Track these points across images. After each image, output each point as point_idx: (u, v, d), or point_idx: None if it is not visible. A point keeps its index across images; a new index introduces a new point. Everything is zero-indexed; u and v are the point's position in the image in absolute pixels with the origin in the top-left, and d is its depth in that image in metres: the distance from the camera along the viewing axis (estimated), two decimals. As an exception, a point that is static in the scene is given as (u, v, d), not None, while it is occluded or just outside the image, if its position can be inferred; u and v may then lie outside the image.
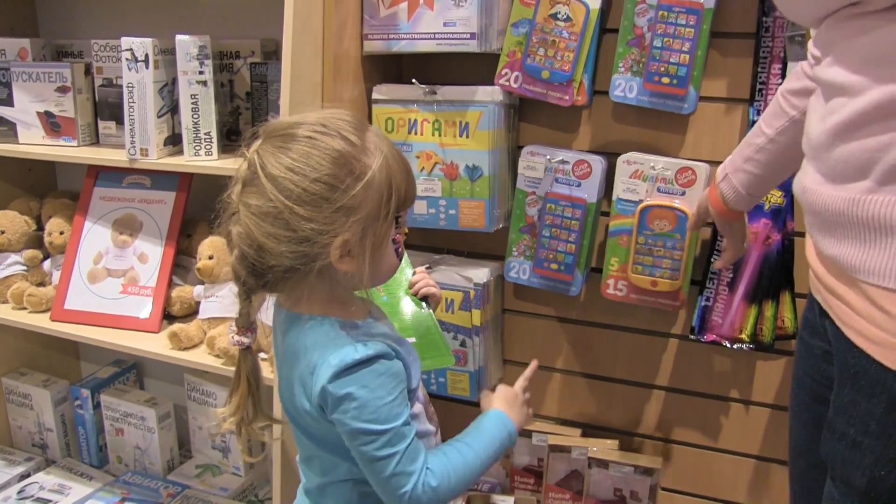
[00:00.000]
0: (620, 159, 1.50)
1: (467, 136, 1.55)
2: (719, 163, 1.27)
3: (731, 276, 1.52)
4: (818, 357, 1.04)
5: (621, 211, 1.51)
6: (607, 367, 1.72)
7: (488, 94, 1.53)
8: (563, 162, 1.54)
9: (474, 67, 1.60)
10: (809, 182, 0.92)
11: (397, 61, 1.68)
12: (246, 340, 1.05)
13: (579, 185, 1.54)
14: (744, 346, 1.51)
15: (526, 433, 1.77)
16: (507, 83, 1.54)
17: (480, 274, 1.64)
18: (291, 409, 1.05)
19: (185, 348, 1.69)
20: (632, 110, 1.54)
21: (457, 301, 1.64)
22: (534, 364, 1.25)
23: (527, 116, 1.65)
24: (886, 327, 0.84)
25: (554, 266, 1.58)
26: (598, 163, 1.53)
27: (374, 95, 1.61)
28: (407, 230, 1.08)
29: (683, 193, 1.46)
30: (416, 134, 1.59)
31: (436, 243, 1.78)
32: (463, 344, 1.66)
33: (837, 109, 0.86)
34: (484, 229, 1.60)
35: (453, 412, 1.88)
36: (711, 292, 1.53)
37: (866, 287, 0.85)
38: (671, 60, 1.44)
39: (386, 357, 0.97)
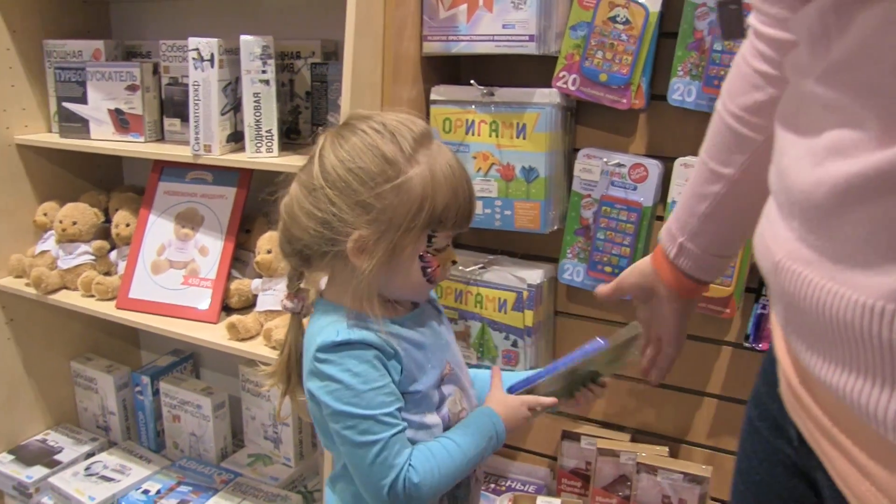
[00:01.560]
0: (677, 162, 1.49)
1: (524, 138, 1.56)
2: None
3: (787, 284, 1.49)
4: (780, 466, 0.77)
5: (676, 215, 1.50)
6: (659, 373, 1.71)
7: (545, 97, 1.53)
8: (619, 165, 1.54)
9: (532, 69, 1.61)
10: (788, 258, 0.61)
11: (456, 62, 1.70)
12: (290, 305, 1.10)
13: (635, 188, 1.54)
14: (800, 356, 1.49)
15: (574, 436, 1.77)
16: (564, 86, 1.54)
17: (534, 275, 1.65)
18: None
19: (243, 339, 1.73)
20: (691, 115, 1.52)
21: (510, 301, 1.65)
22: (553, 401, 1.14)
23: (584, 119, 1.65)
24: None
25: (608, 269, 1.58)
26: (654, 167, 1.52)
27: (433, 96, 1.63)
28: (455, 259, 1.07)
29: (740, 199, 1.45)
30: (473, 135, 1.60)
31: (491, 244, 1.79)
32: (514, 344, 1.67)
33: (848, 150, 0.54)
34: (539, 230, 1.60)
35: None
36: (767, 300, 1.51)
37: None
38: (731, 64, 1.42)
39: (376, 347, 0.98)
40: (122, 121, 1.94)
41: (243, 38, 1.65)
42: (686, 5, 1.45)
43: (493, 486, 1.88)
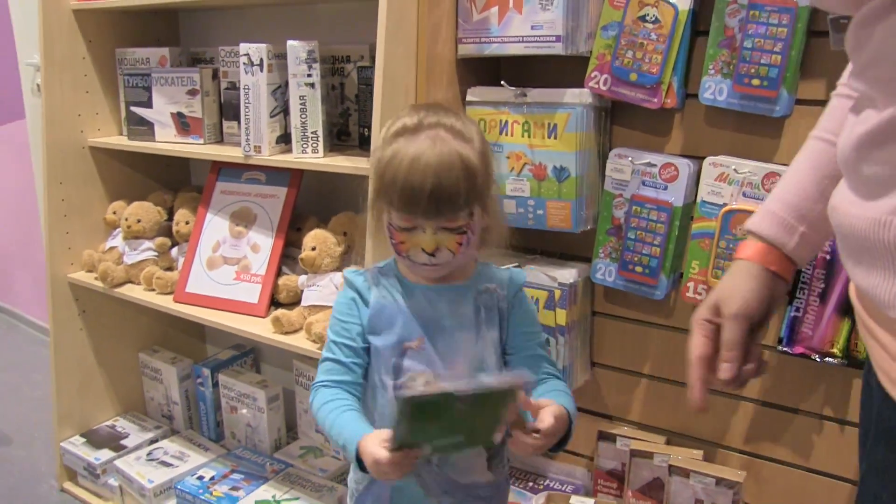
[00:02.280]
0: (706, 161, 1.48)
1: (555, 138, 1.58)
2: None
3: (822, 286, 1.46)
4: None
5: (705, 214, 1.49)
6: (694, 375, 1.69)
7: (576, 97, 1.55)
8: (649, 165, 1.54)
9: (566, 70, 1.62)
10: (838, 199, 0.80)
11: (494, 64, 1.73)
12: None
13: (666, 188, 1.53)
14: (835, 360, 1.45)
15: (611, 437, 1.77)
16: (596, 86, 1.55)
17: (567, 274, 1.66)
18: None
19: (287, 332, 1.80)
20: (725, 113, 1.51)
21: (541, 300, 1.66)
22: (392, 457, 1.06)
23: (619, 120, 1.66)
24: None
25: (639, 269, 1.58)
26: (685, 166, 1.51)
27: (468, 98, 1.67)
28: (426, 249, 1.11)
29: (770, 199, 1.43)
30: (506, 135, 1.63)
31: (530, 244, 1.81)
32: (547, 343, 1.68)
33: (867, 120, 0.74)
34: (570, 230, 1.61)
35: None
36: (802, 302, 1.48)
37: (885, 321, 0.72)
38: (762, 61, 1.41)
39: (356, 290, 1.21)
40: (183, 124, 2.05)
41: (290, 43, 1.72)
42: (717, 2, 1.45)
43: (531, 484, 1.89)
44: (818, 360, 1.47)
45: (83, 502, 2.30)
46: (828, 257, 1.42)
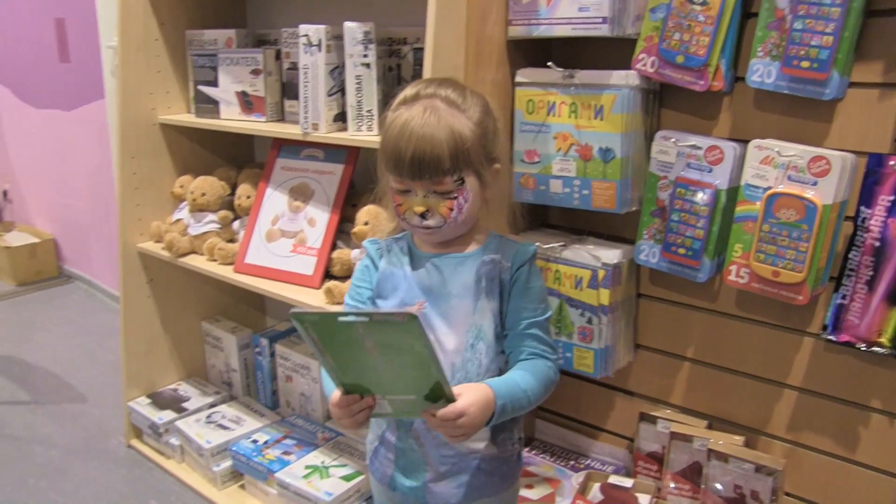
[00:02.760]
0: (751, 144, 1.48)
1: (601, 119, 1.59)
2: (867, 153, 1.15)
3: (870, 273, 1.44)
4: None
5: (748, 197, 1.49)
6: (736, 360, 1.69)
7: (623, 79, 1.56)
8: (694, 147, 1.54)
9: (614, 52, 1.64)
10: None
11: (544, 45, 1.74)
12: None
13: (710, 170, 1.53)
14: (882, 350, 1.43)
15: (651, 419, 1.78)
16: (643, 68, 1.56)
17: (611, 255, 1.67)
18: None
19: (338, 303, 1.86)
20: (774, 97, 1.50)
21: (585, 279, 1.68)
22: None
23: (668, 102, 1.66)
24: None
25: (681, 251, 1.59)
26: (731, 149, 1.51)
27: (517, 79, 1.69)
28: (417, 210, 1.18)
29: (815, 183, 1.41)
30: (554, 116, 1.65)
31: (577, 224, 1.83)
32: (590, 322, 1.70)
33: None
34: (614, 210, 1.63)
35: (576, 388, 1.93)
36: (848, 290, 1.46)
37: None
38: (812, 43, 1.39)
39: (370, 256, 1.31)
40: (246, 102, 2.13)
41: (347, 24, 1.78)
42: (768, -16, 1.44)
43: (572, 462, 1.92)
44: (864, 349, 1.45)
45: (147, 458, 2.42)
46: (877, 244, 1.40)
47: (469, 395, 1.10)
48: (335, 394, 1.12)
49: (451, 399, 1.08)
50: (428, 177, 1.15)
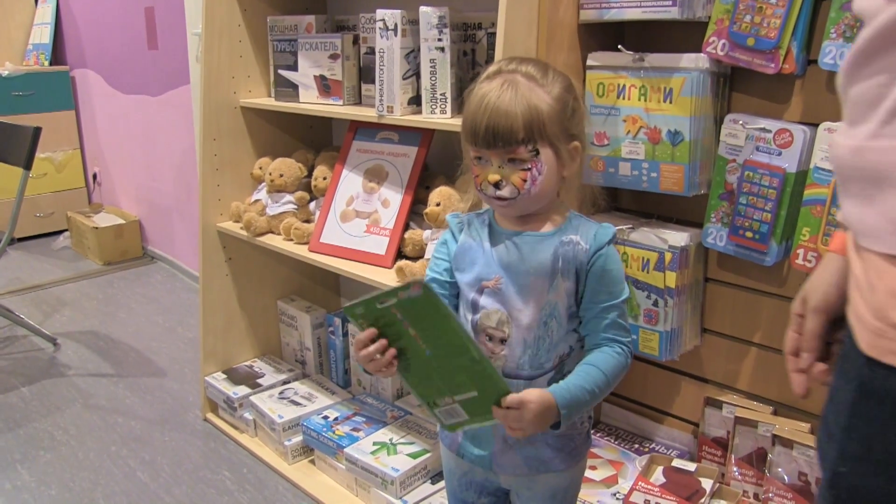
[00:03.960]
0: (821, 127, 1.47)
1: (670, 102, 1.60)
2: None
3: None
4: None
5: (817, 180, 1.48)
6: (805, 346, 1.68)
7: (692, 62, 1.57)
8: (764, 130, 1.54)
9: (685, 36, 1.64)
10: (835, 134, 0.79)
11: (616, 29, 1.76)
12: None
13: (780, 153, 1.53)
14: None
15: (717, 404, 1.78)
16: (713, 51, 1.56)
17: (678, 237, 1.68)
18: None
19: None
20: (848, 81, 1.49)
21: (652, 261, 1.70)
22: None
23: (739, 86, 1.66)
24: (868, 301, 0.72)
25: (749, 234, 1.59)
26: (800, 132, 1.50)
27: (589, 62, 1.71)
28: (490, 179, 1.20)
29: (888, 167, 1.40)
30: (624, 99, 1.67)
31: (645, 207, 1.85)
32: (655, 304, 1.71)
33: (857, 40, 0.73)
34: (682, 193, 1.64)
35: (641, 372, 1.94)
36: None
37: (862, 253, 0.73)
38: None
39: (451, 230, 1.34)
40: (325, 86, 2.19)
41: (422, 8, 1.82)
42: (843, -35, 1.43)
43: (636, 446, 1.93)
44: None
45: (222, 431, 2.52)
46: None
47: (530, 394, 1.14)
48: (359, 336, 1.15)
49: (500, 385, 1.13)
50: (501, 145, 1.17)
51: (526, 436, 1.18)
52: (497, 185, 1.20)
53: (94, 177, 4.84)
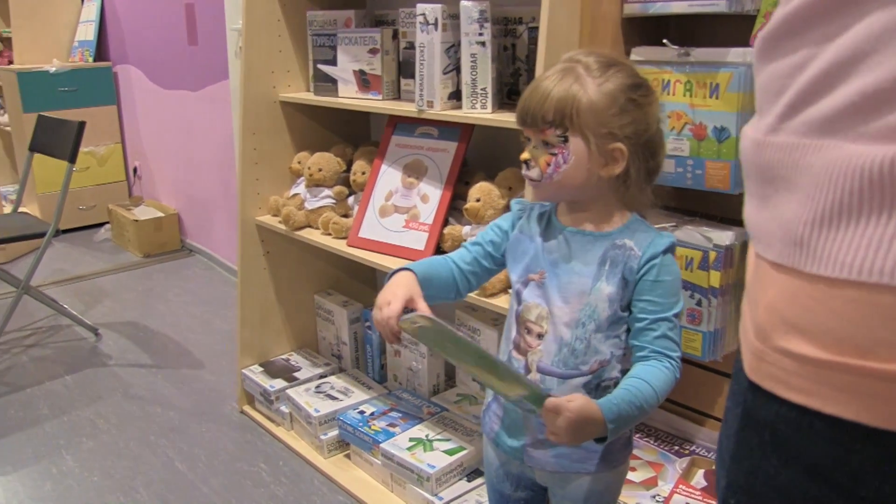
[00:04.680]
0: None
1: (717, 98, 1.57)
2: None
3: None
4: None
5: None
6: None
7: (740, 56, 1.53)
8: (814, 127, 1.51)
9: (731, 29, 1.61)
10: (747, 124, 0.72)
11: (659, 23, 1.73)
12: None
13: (830, 152, 1.49)
14: None
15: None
16: (762, 45, 1.53)
17: (724, 236, 1.65)
18: None
19: (447, 278, 1.90)
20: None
21: (696, 260, 1.67)
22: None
23: (787, 82, 1.62)
24: (752, 317, 0.66)
25: (797, 234, 1.55)
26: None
27: (632, 57, 1.68)
28: (522, 157, 1.24)
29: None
30: (668, 94, 1.64)
31: (688, 205, 1.81)
32: (699, 303, 1.68)
33: (773, 17, 0.67)
34: (728, 191, 1.60)
35: (683, 373, 1.88)
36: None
37: (758, 261, 0.66)
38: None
39: (511, 213, 1.35)
40: (364, 80, 2.19)
41: (463, 3, 1.81)
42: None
43: (676, 448, 1.90)
44: None
45: (258, 424, 2.53)
46: None
47: (570, 403, 1.11)
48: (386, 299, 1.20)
49: (536, 389, 1.13)
50: (530, 122, 1.20)
51: (564, 443, 1.16)
52: (527, 165, 1.22)
53: (135, 170, 4.90)
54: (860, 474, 0.60)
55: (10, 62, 4.86)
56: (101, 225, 4.76)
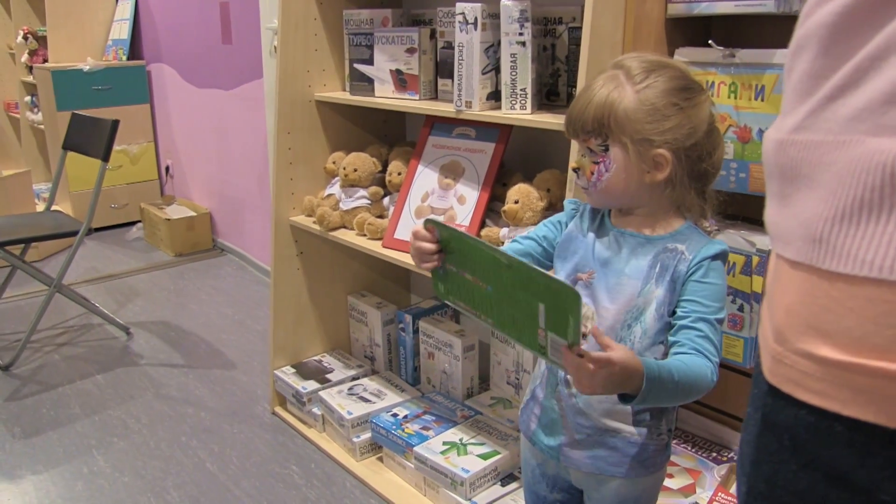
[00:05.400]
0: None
1: (762, 100, 1.54)
2: None
3: None
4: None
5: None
6: None
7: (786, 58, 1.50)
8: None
9: (777, 30, 1.57)
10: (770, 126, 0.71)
11: (703, 23, 1.70)
12: None
13: (881, 155, 1.45)
14: None
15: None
16: (811, 46, 1.49)
17: (766, 241, 1.62)
18: None
19: (483, 282, 1.88)
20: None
21: (738, 264, 1.63)
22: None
23: (836, 83, 1.59)
24: (771, 319, 0.65)
25: (845, 239, 1.51)
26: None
27: (676, 58, 1.65)
28: (572, 165, 1.29)
29: None
30: (712, 96, 1.61)
31: (730, 209, 1.77)
32: (741, 309, 1.65)
33: (806, 16, 0.66)
34: (773, 195, 1.57)
35: (722, 378, 1.86)
36: None
37: (777, 261, 0.66)
38: None
39: (565, 212, 1.35)
40: (401, 80, 2.17)
41: (504, 2, 1.79)
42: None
43: (714, 454, 1.87)
44: None
45: (290, 425, 2.53)
46: None
47: (618, 354, 1.04)
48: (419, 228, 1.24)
49: (556, 284, 1.02)
50: (573, 133, 1.22)
51: (594, 394, 1.10)
52: (576, 172, 1.25)
53: (167, 169, 4.93)
54: (881, 478, 0.59)
55: (45, 60, 4.91)
56: (133, 224, 4.80)
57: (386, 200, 2.29)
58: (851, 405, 0.59)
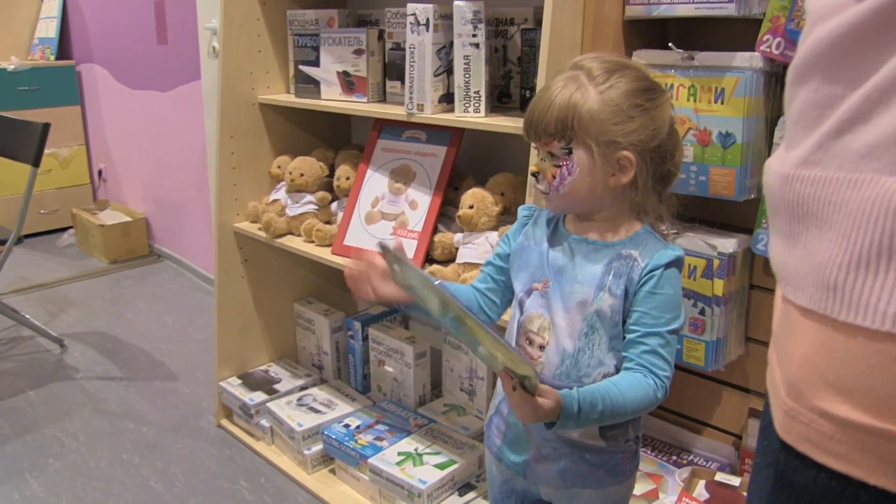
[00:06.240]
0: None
1: (722, 103, 1.53)
2: None
3: None
4: None
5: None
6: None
7: (746, 61, 1.49)
8: (823, 133, 1.47)
9: (737, 33, 1.57)
10: (772, 156, 0.68)
11: (661, 26, 1.69)
12: None
13: (839, 158, 1.46)
14: None
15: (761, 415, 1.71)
16: (768, 49, 1.49)
17: (727, 244, 1.61)
18: None
19: (438, 289, 1.83)
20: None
21: (699, 268, 1.62)
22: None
23: (792, 86, 1.59)
24: (783, 370, 0.62)
25: (804, 242, 1.51)
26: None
27: (634, 59, 1.63)
28: (531, 169, 1.23)
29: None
30: (671, 99, 1.59)
31: (689, 212, 1.76)
32: (702, 312, 1.64)
33: (804, 38, 0.63)
34: (733, 198, 1.56)
35: (680, 382, 1.87)
36: None
37: (786, 305, 0.62)
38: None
39: (519, 220, 1.32)
40: (348, 82, 2.12)
41: (456, 3, 1.75)
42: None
43: (674, 458, 1.86)
44: None
45: (237, 439, 2.44)
46: None
47: (553, 399, 1.07)
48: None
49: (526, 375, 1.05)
50: (534, 136, 1.18)
51: (518, 418, 1.12)
52: (535, 176, 1.21)
53: (100, 173, 4.76)
54: None
55: (-34, 60, 4.71)
56: (64, 230, 4.61)
57: (334, 206, 2.23)
58: (878, 474, 0.55)
